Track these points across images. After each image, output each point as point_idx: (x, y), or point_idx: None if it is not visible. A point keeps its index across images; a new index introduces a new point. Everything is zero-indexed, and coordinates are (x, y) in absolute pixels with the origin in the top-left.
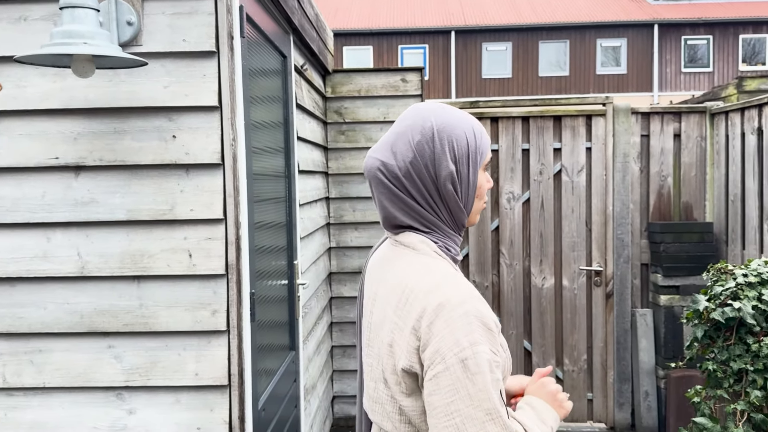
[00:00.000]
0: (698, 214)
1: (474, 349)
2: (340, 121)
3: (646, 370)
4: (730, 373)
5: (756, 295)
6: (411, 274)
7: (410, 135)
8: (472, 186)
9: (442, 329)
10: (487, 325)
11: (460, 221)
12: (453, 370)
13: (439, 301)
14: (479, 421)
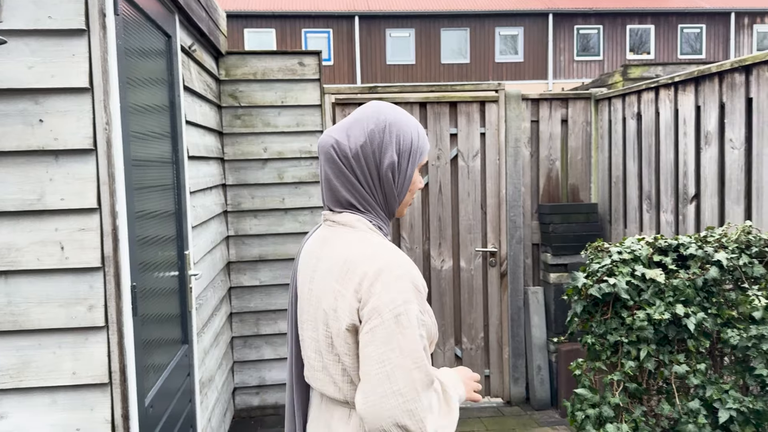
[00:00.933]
0: (584, 195)
1: (406, 306)
2: (235, 105)
3: (539, 345)
4: (607, 346)
5: (629, 271)
6: (351, 247)
7: (365, 123)
8: (408, 179)
9: (380, 289)
10: (418, 288)
11: (392, 208)
12: (388, 324)
13: (378, 266)
14: (407, 369)
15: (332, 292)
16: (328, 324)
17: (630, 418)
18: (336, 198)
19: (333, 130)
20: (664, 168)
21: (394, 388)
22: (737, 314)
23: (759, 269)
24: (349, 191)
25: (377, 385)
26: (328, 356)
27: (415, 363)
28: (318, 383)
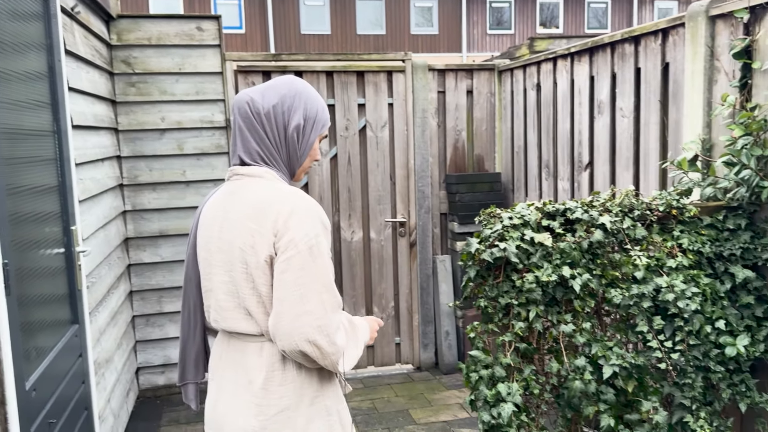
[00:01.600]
0: (489, 165)
1: (318, 239)
2: (129, 71)
3: (447, 312)
4: (499, 308)
5: (519, 236)
6: (265, 192)
7: (279, 88)
8: (309, 144)
9: (294, 225)
10: (325, 225)
11: (293, 168)
12: (303, 254)
13: (291, 206)
14: (318, 291)
15: (248, 231)
16: (246, 260)
17: (521, 377)
18: (246, 149)
19: (249, 90)
20: (561, 137)
21: (306, 308)
22: (620, 275)
23: (641, 231)
24: (259, 144)
25: (292, 306)
26: (245, 290)
27: (325, 287)
28: (230, 322)
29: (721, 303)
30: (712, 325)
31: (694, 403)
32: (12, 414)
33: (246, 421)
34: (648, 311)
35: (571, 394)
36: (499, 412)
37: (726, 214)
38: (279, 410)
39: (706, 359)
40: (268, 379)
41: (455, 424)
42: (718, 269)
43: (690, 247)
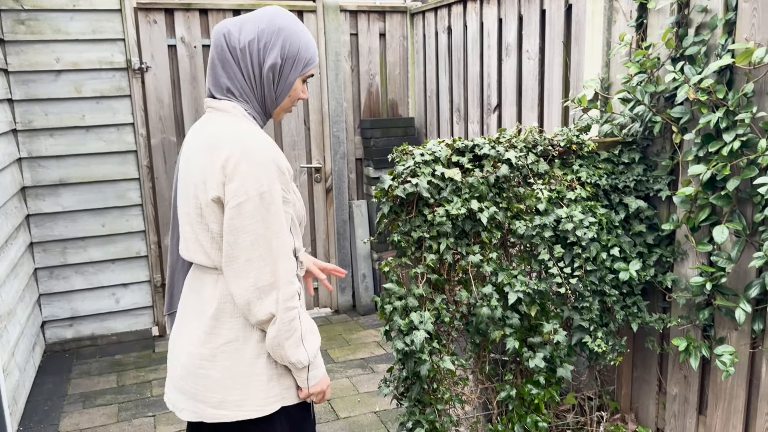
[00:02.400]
0: (403, 110)
1: (270, 186)
2: (17, 8)
3: (363, 255)
4: (412, 242)
5: (430, 172)
6: (222, 128)
7: (259, 22)
8: (288, 84)
9: (245, 169)
10: (281, 170)
11: (268, 108)
12: (253, 201)
13: (244, 148)
14: (269, 238)
15: (202, 166)
16: (198, 196)
17: (432, 306)
18: (218, 83)
19: (228, 22)
20: (471, 81)
21: (257, 254)
22: (524, 207)
23: (543, 166)
24: (231, 80)
25: (242, 252)
26: (198, 226)
27: (275, 232)
28: (190, 253)
29: (615, 231)
30: (607, 252)
31: (591, 324)
32: None
33: (195, 349)
34: (549, 241)
35: (479, 320)
36: (412, 339)
37: (621, 149)
38: (227, 341)
39: (602, 284)
40: (219, 310)
41: (372, 360)
42: (614, 200)
43: (588, 180)
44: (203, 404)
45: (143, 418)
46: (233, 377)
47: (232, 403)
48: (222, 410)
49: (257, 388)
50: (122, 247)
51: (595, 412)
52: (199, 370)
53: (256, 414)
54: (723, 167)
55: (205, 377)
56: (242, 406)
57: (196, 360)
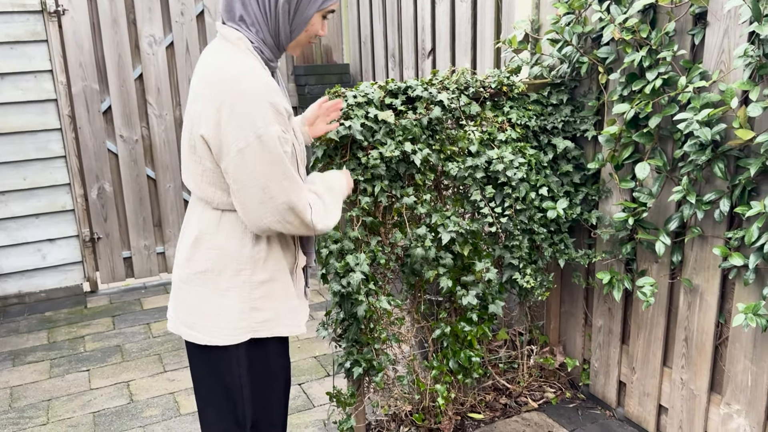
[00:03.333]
0: (337, 56)
1: (267, 128)
2: None
3: None
4: None
5: (364, 114)
6: (225, 61)
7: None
8: (304, 19)
9: (242, 111)
10: (278, 110)
11: (281, 41)
12: (254, 145)
13: (242, 89)
14: (278, 179)
15: (202, 97)
16: (193, 128)
17: (368, 249)
18: (231, 9)
19: None
20: (405, 25)
21: (269, 195)
22: (457, 149)
23: (475, 108)
24: (244, 6)
25: (254, 195)
26: (191, 157)
27: (284, 173)
28: (186, 179)
29: (544, 172)
30: (536, 192)
31: (521, 262)
32: None
33: (178, 269)
34: (481, 182)
35: (414, 260)
36: (349, 281)
37: (550, 90)
38: (203, 270)
39: (531, 222)
40: (198, 239)
41: (311, 307)
42: (542, 141)
43: (518, 121)
44: (180, 322)
45: (77, 373)
46: (206, 304)
47: (204, 328)
48: (194, 332)
49: (227, 318)
50: (46, 201)
51: (526, 346)
52: (179, 291)
53: (224, 342)
54: (645, 105)
55: (183, 298)
56: (212, 332)
57: (176, 280)
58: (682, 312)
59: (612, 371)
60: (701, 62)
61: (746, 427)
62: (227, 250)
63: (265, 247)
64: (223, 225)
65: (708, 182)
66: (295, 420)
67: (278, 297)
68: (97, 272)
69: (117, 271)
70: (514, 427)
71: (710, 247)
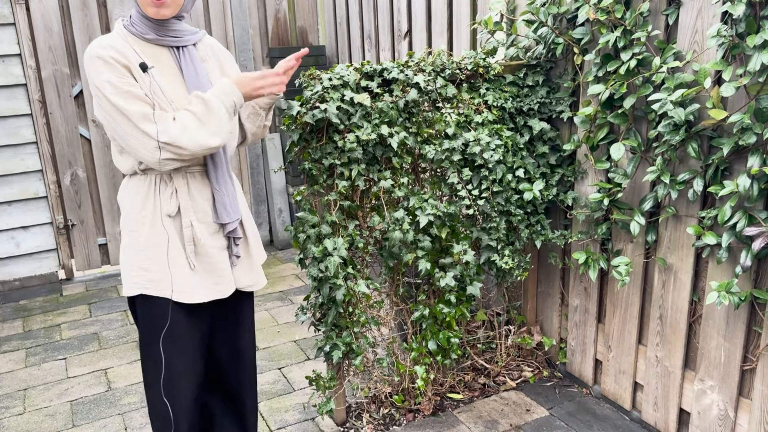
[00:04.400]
0: (313, 38)
1: (99, 78)
2: None
3: (279, 189)
4: (323, 170)
5: (339, 97)
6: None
7: None
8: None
9: (85, 71)
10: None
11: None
12: (98, 96)
13: (86, 53)
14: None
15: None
16: None
17: (346, 233)
18: None
19: None
20: (381, 6)
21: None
22: (434, 132)
23: (451, 90)
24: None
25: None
26: None
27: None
28: None
29: (520, 153)
30: (512, 174)
31: (498, 243)
32: None
33: None
34: (458, 164)
35: (392, 244)
36: (327, 265)
37: (526, 72)
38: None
39: (508, 204)
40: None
41: (291, 292)
42: (519, 123)
43: (494, 103)
44: None
45: (54, 362)
46: (121, 259)
47: (123, 280)
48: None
49: (125, 273)
50: (19, 188)
51: (504, 326)
52: None
53: (125, 293)
54: (620, 86)
55: None
56: (125, 285)
57: None
58: (657, 291)
59: (588, 350)
60: (675, 42)
61: (719, 402)
62: (125, 210)
63: (150, 212)
64: (124, 187)
65: (682, 162)
66: (276, 404)
67: (163, 262)
68: (72, 259)
69: (92, 258)
70: (493, 407)
71: (684, 226)
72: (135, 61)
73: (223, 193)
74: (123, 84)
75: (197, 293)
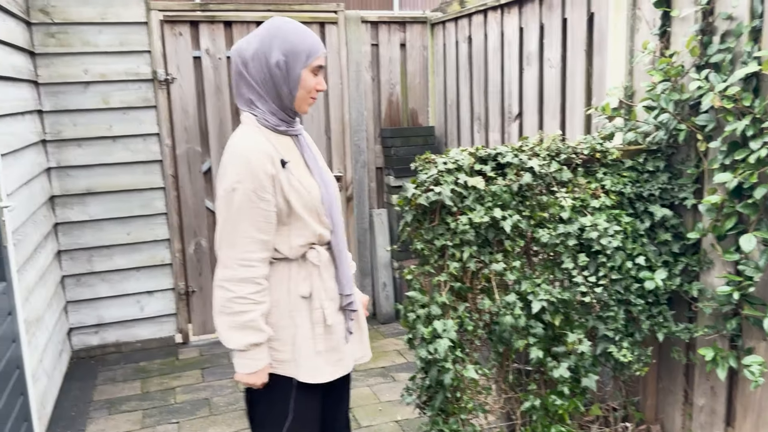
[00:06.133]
0: (423, 119)
1: (238, 185)
2: (47, 21)
3: (384, 263)
4: (435, 250)
5: (453, 180)
6: (230, 139)
7: (261, 31)
8: (295, 77)
9: (223, 171)
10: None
11: (287, 103)
12: (221, 199)
13: (230, 153)
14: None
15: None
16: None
17: (455, 314)
18: (240, 96)
19: (240, 41)
20: (492, 89)
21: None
22: (548, 215)
23: (567, 174)
24: (249, 89)
25: (216, 236)
26: None
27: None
28: None
29: (641, 240)
30: (632, 261)
31: (616, 334)
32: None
33: None
34: (573, 249)
35: (503, 328)
36: (436, 347)
37: (646, 157)
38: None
39: (627, 293)
40: None
41: (393, 368)
42: (639, 209)
43: (612, 188)
44: None
45: (167, 425)
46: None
47: None
48: None
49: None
50: (147, 255)
51: (620, 423)
52: None
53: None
54: (750, 175)
55: None
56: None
57: None
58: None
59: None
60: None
61: None
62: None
63: (284, 295)
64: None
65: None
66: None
67: (292, 342)
68: (189, 324)
69: (208, 323)
70: None
71: None
72: (276, 158)
73: (345, 265)
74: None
75: (324, 372)
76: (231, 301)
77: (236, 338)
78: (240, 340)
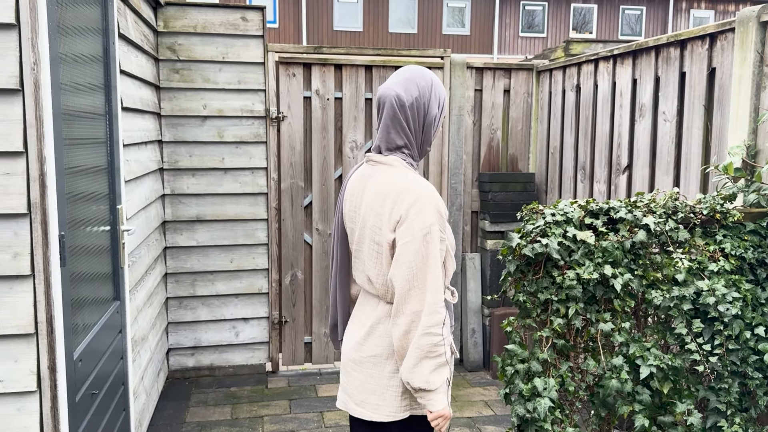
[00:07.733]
0: (523, 165)
1: (431, 228)
2: (173, 58)
3: (474, 309)
4: (538, 304)
5: (561, 233)
6: (392, 180)
7: (417, 80)
8: (438, 127)
9: (413, 214)
10: (441, 213)
11: (424, 150)
12: (418, 241)
13: (414, 196)
14: (423, 270)
15: (377, 214)
16: (374, 239)
17: (557, 373)
18: (390, 140)
19: (393, 85)
20: (599, 139)
21: (415, 284)
22: (662, 276)
23: (684, 234)
24: (400, 135)
25: (405, 282)
26: (369, 262)
27: (430, 267)
28: (360, 281)
29: (761, 309)
30: (751, 331)
31: (729, 408)
32: (61, 381)
33: (350, 353)
34: (688, 314)
35: (607, 392)
36: (535, 406)
37: None
38: (374, 354)
39: (744, 365)
40: (373, 328)
41: (480, 420)
42: (760, 275)
43: (732, 252)
44: (349, 398)
45: None
46: (374, 384)
47: (371, 405)
48: (362, 408)
49: (392, 397)
50: (246, 283)
51: None
52: (350, 371)
53: (388, 418)
54: None
55: (353, 377)
56: (378, 410)
57: (347, 361)
58: None
59: None
60: None
61: None
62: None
63: None
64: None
65: None
66: None
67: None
68: (279, 354)
69: (297, 354)
70: None
71: None
72: None
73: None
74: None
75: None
76: (438, 346)
77: (437, 378)
78: (439, 378)
